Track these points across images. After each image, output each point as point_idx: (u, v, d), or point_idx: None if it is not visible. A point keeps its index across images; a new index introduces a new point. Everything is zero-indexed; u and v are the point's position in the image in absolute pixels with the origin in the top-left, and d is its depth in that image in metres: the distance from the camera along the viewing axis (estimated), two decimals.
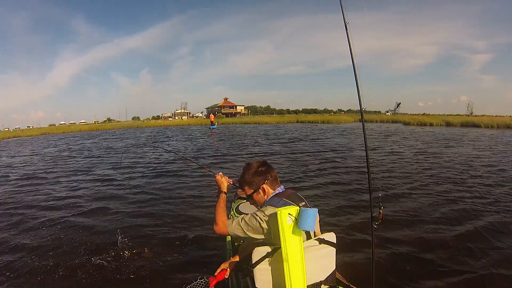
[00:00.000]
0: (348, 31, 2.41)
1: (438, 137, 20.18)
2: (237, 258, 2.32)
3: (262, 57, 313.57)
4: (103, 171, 10.25)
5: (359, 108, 2.50)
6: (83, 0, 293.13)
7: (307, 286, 1.79)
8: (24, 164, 12.79)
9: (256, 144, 17.65)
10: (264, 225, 1.84)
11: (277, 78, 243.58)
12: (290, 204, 1.87)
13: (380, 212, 2.26)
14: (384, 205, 2.34)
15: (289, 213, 1.72)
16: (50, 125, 77.56)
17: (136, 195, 7.04)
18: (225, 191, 2.26)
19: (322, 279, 1.90)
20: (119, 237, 4.49)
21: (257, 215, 1.87)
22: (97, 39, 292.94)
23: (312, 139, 19.72)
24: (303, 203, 1.96)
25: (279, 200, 1.91)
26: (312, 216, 1.70)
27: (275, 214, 1.74)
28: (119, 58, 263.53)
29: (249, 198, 2.13)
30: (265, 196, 2.05)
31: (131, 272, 3.64)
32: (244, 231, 1.89)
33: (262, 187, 2.04)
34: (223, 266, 2.29)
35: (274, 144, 17.13)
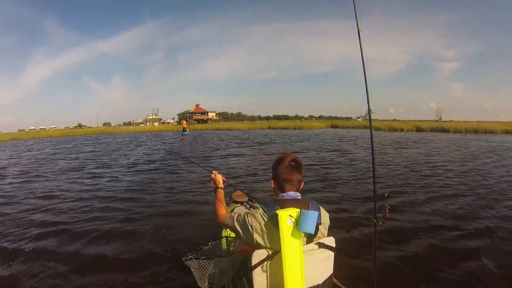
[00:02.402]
0: (361, 38, 2.40)
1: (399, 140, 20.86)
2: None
3: (235, 64, 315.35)
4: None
5: (368, 115, 2.52)
6: (55, 1, 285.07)
7: None
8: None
9: (228, 147, 18.62)
10: (249, 227, 1.86)
11: (249, 84, 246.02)
12: None
13: (386, 211, 2.21)
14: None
15: (289, 215, 1.72)
16: (19, 130, 74.82)
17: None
18: (222, 186, 2.38)
19: (319, 282, 1.91)
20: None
21: (248, 215, 1.90)
22: (70, 42, 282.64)
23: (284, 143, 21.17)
24: None
25: (274, 207, 1.84)
26: (313, 219, 1.70)
27: (276, 215, 1.73)
28: (92, 62, 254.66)
29: None
30: (274, 191, 2.04)
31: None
32: (235, 226, 1.94)
33: (272, 181, 2.05)
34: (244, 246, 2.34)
35: (245, 147, 18.27)
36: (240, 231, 1.93)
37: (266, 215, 1.83)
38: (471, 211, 5.33)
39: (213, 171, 2.51)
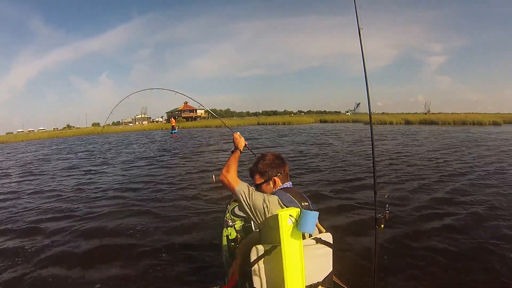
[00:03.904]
0: (361, 37, 2.34)
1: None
2: (239, 261, 2.23)
3: (222, 60, 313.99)
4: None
5: (368, 113, 2.44)
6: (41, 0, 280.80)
7: (305, 287, 1.77)
8: None
9: (218, 143, 19.14)
10: (263, 206, 1.84)
11: (237, 81, 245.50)
12: (294, 202, 1.87)
13: (386, 213, 2.17)
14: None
15: (290, 215, 1.71)
16: (7, 133, 73.71)
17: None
18: (241, 149, 2.30)
19: (320, 280, 1.89)
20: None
21: (264, 196, 1.88)
22: (56, 41, 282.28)
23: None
24: (307, 203, 1.93)
25: (284, 194, 1.91)
26: (313, 219, 1.70)
27: (276, 215, 1.72)
28: (79, 61, 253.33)
29: (257, 188, 2.08)
30: (274, 189, 2.04)
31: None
32: (248, 197, 1.88)
33: (274, 179, 2.05)
34: (231, 271, 2.23)
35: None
36: (252, 210, 1.88)
37: (281, 203, 1.85)
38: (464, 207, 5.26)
39: (237, 132, 2.42)
